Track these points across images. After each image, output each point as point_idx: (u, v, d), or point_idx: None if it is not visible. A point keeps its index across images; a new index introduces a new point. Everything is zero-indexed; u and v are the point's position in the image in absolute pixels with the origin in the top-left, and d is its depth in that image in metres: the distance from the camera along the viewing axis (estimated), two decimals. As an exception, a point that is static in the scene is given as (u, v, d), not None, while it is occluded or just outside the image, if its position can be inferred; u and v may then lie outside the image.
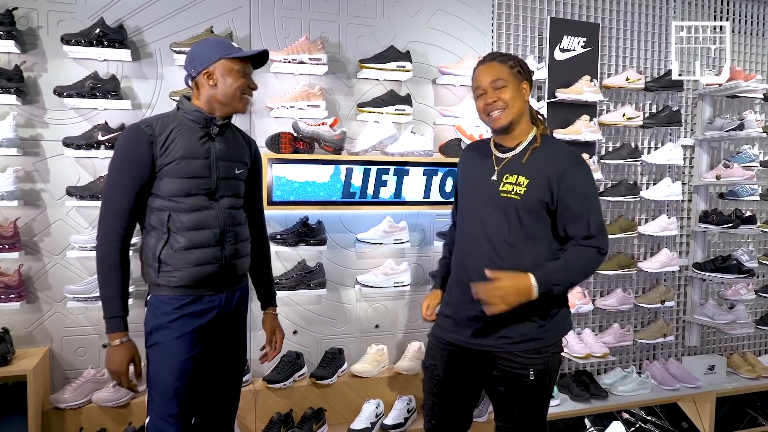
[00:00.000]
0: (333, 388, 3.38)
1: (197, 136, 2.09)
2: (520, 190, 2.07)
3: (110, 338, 2.04)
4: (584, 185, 2.10)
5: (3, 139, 2.87)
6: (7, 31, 2.86)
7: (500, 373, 2.14)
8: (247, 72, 2.13)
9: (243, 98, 2.14)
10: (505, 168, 2.14)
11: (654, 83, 4.06)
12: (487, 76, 2.09)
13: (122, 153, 2.03)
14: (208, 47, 2.10)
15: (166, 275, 2.06)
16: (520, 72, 2.11)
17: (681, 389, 4.02)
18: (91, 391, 3.03)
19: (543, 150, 2.12)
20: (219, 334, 2.19)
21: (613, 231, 4.00)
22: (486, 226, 2.13)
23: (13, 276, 2.95)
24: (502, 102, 2.07)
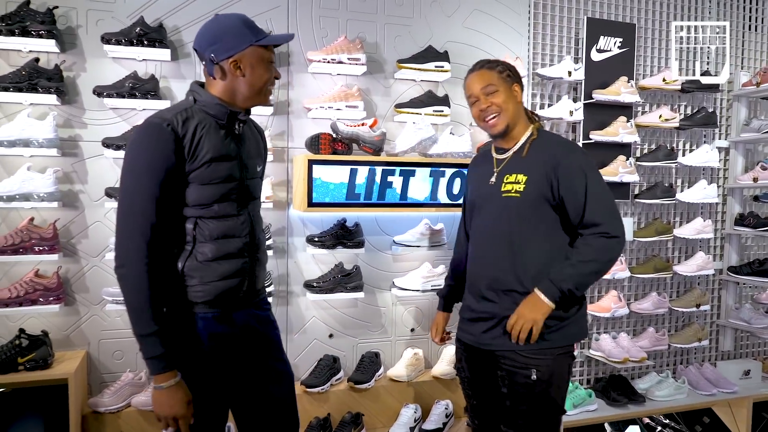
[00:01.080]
0: (370, 392, 3.35)
1: (221, 134, 1.84)
2: (519, 188, 2.11)
3: (158, 380, 1.75)
4: (579, 171, 2.07)
5: (43, 139, 2.84)
6: (48, 30, 2.83)
7: (504, 373, 2.16)
8: (273, 61, 1.89)
9: (269, 90, 1.92)
10: (505, 168, 2.20)
11: (690, 84, 4.01)
12: (478, 83, 2.17)
13: (144, 156, 1.73)
14: (235, 29, 1.81)
15: (190, 290, 1.83)
16: (510, 76, 2.19)
17: (717, 394, 3.97)
18: (129, 394, 3.01)
19: (539, 143, 2.17)
20: (250, 351, 1.99)
21: (649, 234, 3.96)
22: (492, 229, 2.19)
23: (52, 278, 2.92)
24: (496, 107, 2.14)
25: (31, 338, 2.80)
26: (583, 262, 2.05)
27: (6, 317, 2.93)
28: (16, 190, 2.82)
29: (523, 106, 2.25)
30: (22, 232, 2.85)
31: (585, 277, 2.06)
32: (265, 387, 2.06)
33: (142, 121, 1.79)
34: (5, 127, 2.81)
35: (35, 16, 2.81)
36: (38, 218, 2.94)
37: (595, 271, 2.07)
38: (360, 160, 3.20)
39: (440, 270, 3.48)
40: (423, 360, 3.56)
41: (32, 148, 2.84)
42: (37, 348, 2.79)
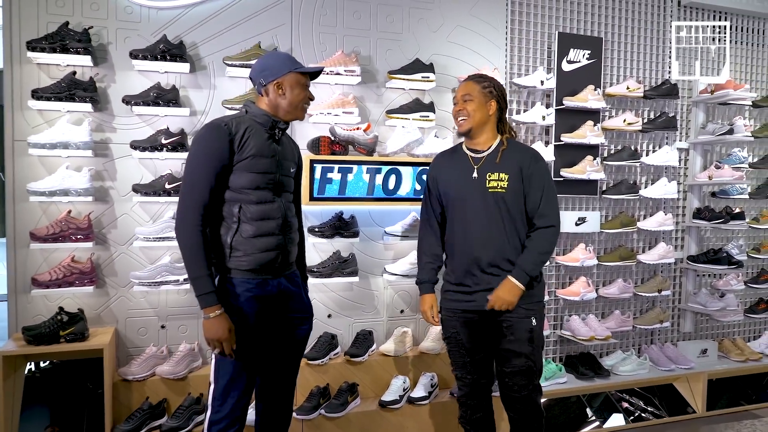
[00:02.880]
0: (364, 365, 3.77)
1: (265, 137, 2.38)
2: (503, 185, 2.66)
3: (207, 312, 2.25)
4: (543, 175, 2.70)
5: (80, 142, 3.25)
6: (84, 47, 3.24)
7: (508, 324, 2.68)
8: (307, 84, 2.48)
9: (304, 108, 2.50)
10: (484, 167, 2.69)
11: (652, 92, 4.46)
12: (462, 90, 2.74)
13: (205, 147, 2.28)
14: (280, 61, 2.41)
15: (236, 260, 2.34)
16: (491, 93, 2.71)
17: (676, 370, 4.42)
18: (153, 365, 3.41)
19: (511, 150, 2.71)
20: (281, 310, 2.51)
21: (614, 226, 4.40)
22: (486, 217, 2.68)
23: (86, 264, 3.34)
24: (465, 112, 2.69)
25: (70, 315, 3.21)
26: (541, 253, 2.68)
27: (45, 297, 3.34)
28: (57, 186, 3.23)
29: (501, 118, 2.76)
30: (61, 223, 3.26)
31: (543, 263, 2.71)
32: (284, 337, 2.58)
33: (207, 123, 2.38)
34: (47, 132, 3.23)
35: (74, 35, 3.22)
36: (75, 211, 3.34)
37: (548, 256, 2.73)
38: (355, 159, 3.64)
39: (426, 257, 3.91)
40: (411, 337, 3.99)
41: (70, 150, 3.23)
42: (75, 323, 3.20)
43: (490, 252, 2.68)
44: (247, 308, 2.37)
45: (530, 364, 2.69)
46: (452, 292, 2.81)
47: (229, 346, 2.30)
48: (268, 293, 2.43)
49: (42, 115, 3.30)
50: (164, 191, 3.38)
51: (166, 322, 3.59)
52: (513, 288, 2.62)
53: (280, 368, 2.65)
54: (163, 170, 3.46)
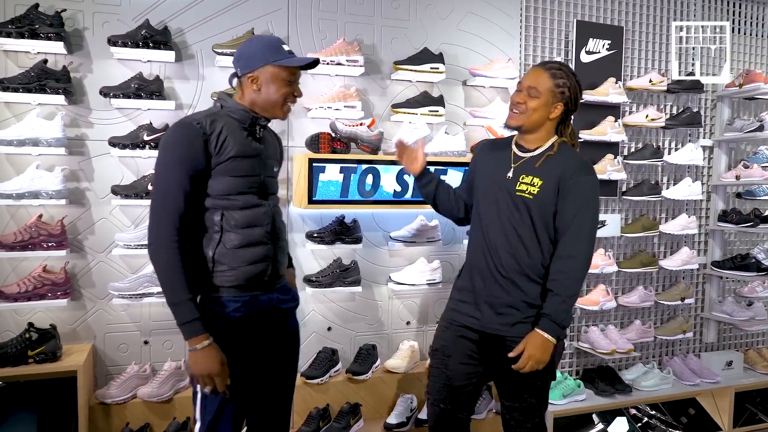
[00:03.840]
0: (368, 383, 3.46)
1: (244, 135, 2.06)
2: (533, 191, 2.27)
3: (192, 342, 1.94)
4: (585, 194, 2.27)
5: (52, 138, 2.92)
6: (56, 32, 2.90)
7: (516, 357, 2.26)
8: (293, 79, 2.09)
9: (285, 106, 2.12)
10: (521, 168, 2.32)
11: (676, 85, 4.14)
12: (531, 79, 2.29)
13: (177, 150, 1.95)
14: (257, 49, 2.04)
15: (220, 275, 2.02)
16: (564, 93, 2.27)
17: (701, 384, 4.12)
18: (135, 386, 3.09)
19: (557, 156, 2.30)
20: (271, 333, 2.18)
21: (635, 230, 4.10)
22: (502, 218, 2.32)
23: (59, 274, 3.00)
24: (524, 107, 2.27)
25: (40, 332, 2.89)
26: (570, 296, 2.24)
27: (15, 312, 3.01)
28: (26, 188, 2.90)
29: (558, 123, 2.35)
30: (30, 229, 2.93)
31: (572, 308, 2.29)
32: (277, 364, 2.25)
33: (176, 122, 2.03)
34: (15, 127, 2.89)
35: (44, 19, 2.89)
36: (46, 215, 3.02)
37: (575, 298, 2.29)
38: (358, 158, 3.31)
39: (435, 265, 3.60)
40: (418, 352, 3.67)
41: (41, 147, 2.91)
42: (46, 341, 2.87)
43: (507, 260, 2.31)
44: (237, 331, 2.06)
45: (532, 402, 2.36)
46: (458, 301, 2.46)
47: (223, 381, 1.98)
48: (259, 312, 2.11)
49: (9, 108, 2.98)
50: (147, 193, 3.05)
51: (150, 337, 3.26)
52: (545, 343, 2.20)
53: (274, 395, 2.32)
54: (146, 170, 3.13)
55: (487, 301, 2.35)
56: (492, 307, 2.33)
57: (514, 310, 2.31)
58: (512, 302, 2.31)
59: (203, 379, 1.97)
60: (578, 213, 2.25)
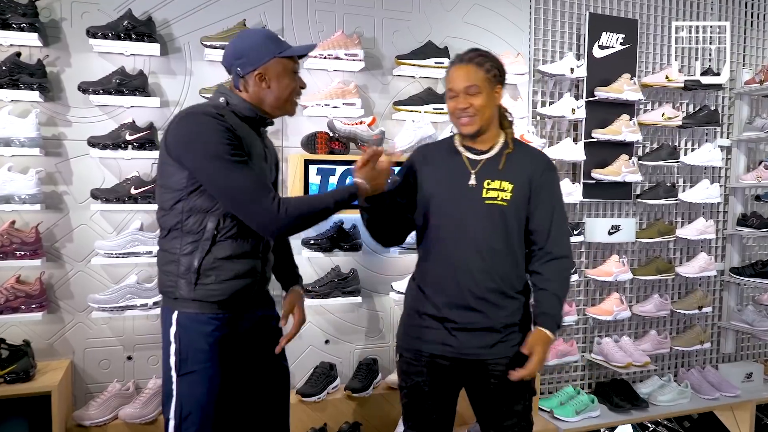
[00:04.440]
0: (368, 400, 3.22)
1: (254, 135, 1.91)
2: (506, 196, 2.06)
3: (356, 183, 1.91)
4: (554, 190, 2.16)
5: (25, 138, 2.70)
6: (30, 23, 2.67)
7: (497, 379, 2.08)
8: (297, 70, 1.96)
9: (293, 101, 1.97)
10: (483, 173, 2.09)
11: (693, 82, 3.92)
12: (462, 80, 2.04)
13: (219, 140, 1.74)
14: (259, 43, 1.87)
15: (204, 288, 1.82)
16: (496, 76, 2.07)
17: (721, 398, 3.90)
18: (116, 406, 2.86)
19: (518, 154, 2.12)
20: (256, 355, 2.01)
21: (651, 235, 3.88)
22: (471, 234, 2.07)
23: (34, 285, 2.77)
24: (473, 109, 2.03)
25: (11, 349, 2.66)
26: (562, 297, 2.10)
27: (-15, 326, 2.78)
28: (-4, 191, 2.67)
29: (499, 107, 2.14)
30: (2, 237, 2.69)
31: (562, 308, 2.12)
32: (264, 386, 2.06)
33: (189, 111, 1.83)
34: (-16, 126, 2.66)
35: (16, 7, 2.66)
36: (20, 221, 2.79)
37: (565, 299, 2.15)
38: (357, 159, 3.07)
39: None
40: (422, 366, 3.44)
41: (13, 148, 2.68)
42: (17, 359, 2.64)
43: (483, 280, 2.05)
44: (218, 353, 1.85)
45: (523, 425, 2.16)
46: (419, 328, 2.14)
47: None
48: (243, 332, 1.93)
49: (-22, 105, 2.75)
50: (130, 197, 2.84)
51: (134, 352, 3.03)
52: (549, 341, 2.03)
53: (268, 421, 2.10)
54: (129, 172, 2.91)
55: (460, 327, 2.08)
56: (467, 332, 2.08)
57: (492, 333, 2.09)
58: (490, 324, 2.08)
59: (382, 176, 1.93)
60: (554, 212, 2.11)
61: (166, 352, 1.86)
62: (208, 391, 1.83)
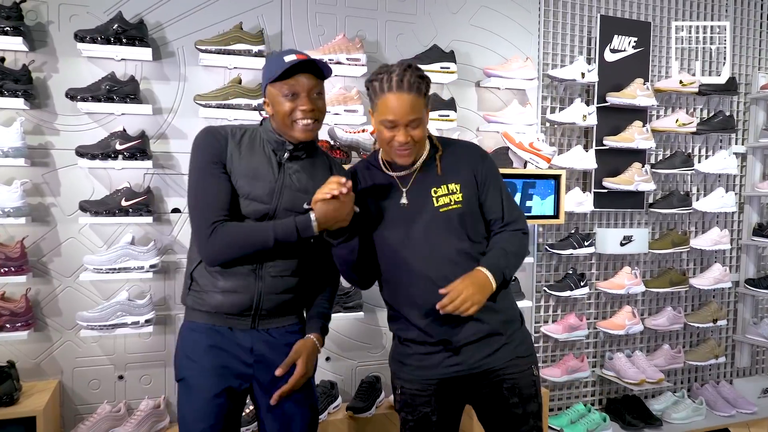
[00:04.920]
0: (371, 421, 3.08)
1: (269, 157, 1.86)
2: (458, 198, 1.96)
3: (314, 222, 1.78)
4: (496, 174, 2.07)
5: (9, 148, 2.56)
6: (15, 26, 2.54)
7: (510, 384, 2.00)
8: (295, 91, 1.79)
9: (294, 125, 1.81)
10: (421, 186, 1.97)
11: (708, 87, 3.78)
12: (406, 112, 1.85)
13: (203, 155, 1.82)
14: (264, 72, 1.89)
15: (195, 296, 1.86)
16: (426, 95, 1.91)
17: (737, 416, 3.76)
18: (107, 429, 2.73)
19: (449, 153, 2.03)
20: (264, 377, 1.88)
21: (665, 246, 3.74)
22: (438, 249, 1.94)
23: (19, 302, 2.63)
24: (413, 141, 1.89)
25: (-6, 370, 2.52)
26: (514, 254, 2.00)
27: (-32, 346, 2.64)
28: (-22, 204, 2.53)
29: None
30: (-15, 252, 2.56)
31: (513, 268, 2.02)
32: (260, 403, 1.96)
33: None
34: (-34, 135, 2.52)
35: (0, 11, 2.52)
36: (4, 235, 2.67)
37: (517, 265, 2.05)
38: (360, 169, 2.94)
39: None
40: (427, 384, 3.30)
41: (-4, 158, 2.56)
42: (1, 382, 2.50)
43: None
44: (204, 362, 1.84)
45: (539, 425, 2.05)
46: (423, 356, 2.01)
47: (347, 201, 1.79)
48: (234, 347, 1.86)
49: (-40, 113, 2.61)
50: (120, 210, 2.71)
51: (125, 371, 2.89)
52: (485, 285, 1.86)
53: None
54: (119, 183, 2.77)
55: (462, 342, 1.97)
56: (472, 344, 1.97)
57: (495, 337, 1.99)
58: (490, 329, 1.97)
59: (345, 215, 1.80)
60: (502, 196, 2.05)
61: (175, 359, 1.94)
62: (193, 399, 1.83)
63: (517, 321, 2.07)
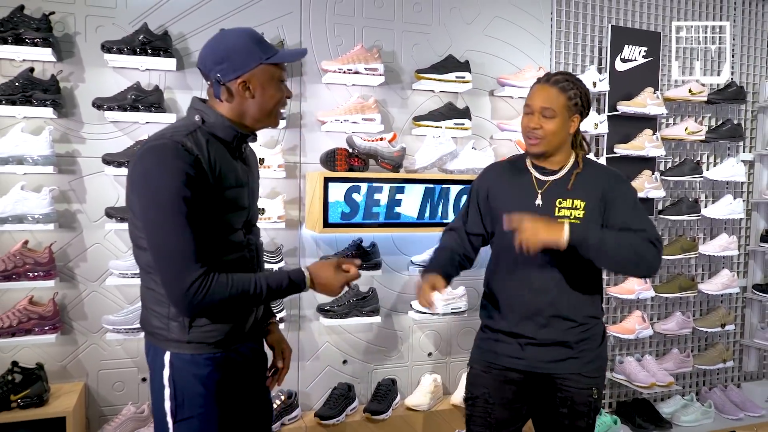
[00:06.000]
0: (388, 422, 3.15)
1: (230, 158, 1.67)
2: (578, 214, 2.02)
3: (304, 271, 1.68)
4: (631, 197, 2.07)
5: (38, 156, 2.63)
6: (44, 37, 2.61)
7: (564, 395, 2.09)
8: (285, 78, 1.72)
9: (279, 113, 1.74)
10: (551, 193, 2.07)
11: (716, 95, 3.85)
12: (541, 99, 2.02)
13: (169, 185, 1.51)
14: (245, 47, 1.62)
15: (199, 331, 1.63)
16: (577, 105, 2.04)
17: (744, 419, 3.81)
18: (131, 429, 2.79)
19: (587, 173, 2.09)
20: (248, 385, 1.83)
21: (674, 251, 3.80)
22: (539, 257, 1.99)
23: (47, 306, 2.70)
24: (543, 131, 2.01)
25: (24, 372, 2.59)
26: (619, 242, 1.93)
27: (-3, 348, 2.71)
28: (9, 211, 2.60)
29: (573, 135, 2.10)
30: (15, 257, 2.63)
31: (613, 251, 1.92)
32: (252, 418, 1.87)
33: (149, 146, 1.55)
34: (-3, 143, 2.59)
35: (29, 22, 2.59)
36: (33, 241, 2.73)
37: (626, 260, 1.93)
38: (378, 177, 3.00)
39: (460, 291, 3.29)
40: (441, 386, 3.37)
41: (26, 166, 2.62)
42: (31, 384, 2.57)
43: (554, 299, 2.05)
44: (217, 395, 1.67)
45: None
46: (494, 342, 2.16)
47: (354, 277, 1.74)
48: (237, 366, 1.74)
49: (-9, 121, 2.68)
50: (145, 216, 2.74)
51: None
52: (556, 229, 1.87)
53: None
54: (144, 190, 2.81)
55: (532, 341, 2.09)
56: (538, 346, 2.09)
57: (563, 348, 2.08)
58: (561, 338, 2.07)
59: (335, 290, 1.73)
60: (635, 213, 2.02)
61: (158, 396, 1.67)
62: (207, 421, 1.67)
63: (594, 341, 2.11)
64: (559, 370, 2.08)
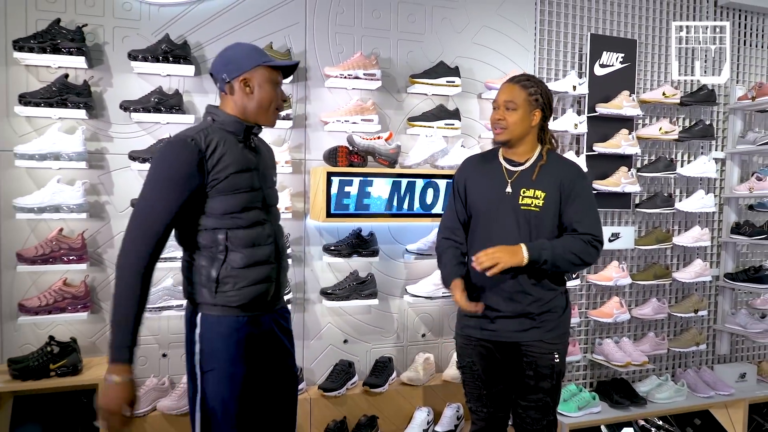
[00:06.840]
0: (384, 396, 3.46)
1: (240, 148, 2.00)
2: (538, 203, 2.37)
3: (112, 370, 1.80)
4: (586, 192, 2.42)
5: (73, 152, 2.94)
6: (78, 47, 2.92)
7: (529, 359, 2.42)
8: (280, 83, 2.07)
9: (274, 113, 2.07)
10: (519, 182, 2.41)
11: (689, 98, 4.16)
12: (505, 95, 2.41)
13: (169, 169, 1.88)
14: (245, 52, 2.02)
15: (224, 295, 1.95)
16: (538, 100, 2.40)
17: (715, 397, 4.11)
18: (154, 399, 3.10)
19: (551, 165, 2.42)
20: (271, 354, 2.11)
21: (649, 242, 4.10)
22: (506, 234, 2.37)
23: (80, 287, 3.01)
24: (506, 122, 2.38)
25: (61, 345, 2.89)
26: (570, 252, 2.30)
27: (35, 325, 3.01)
28: (47, 202, 2.91)
29: (543, 128, 2.45)
30: (51, 243, 2.94)
31: (563, 262, 2.31)
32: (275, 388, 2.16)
33: (169, 138, 1.93)
34: (36, 141, 2.91)
35: (66, 34, 2.91)
36: (67, 229, 3.03)
37: (572, 264, 2.33)
38: (376, 172, 3.32)
39: (451, 277, 3.59)
40: (434, 364, 3.67)
41: (62, 161, 2.92)
42: (67, 354, 2.88)
43: (520, 278, 2.38)
44: (238, 353, 1.98)
45: (547, 400, 2.47)
46: (469, 317, 2.50)
47: (121, 420, 1.82)
48: (260, 332, 2.05)
49: (30, 122, 2.99)
50: (166, 207, 3.05)
51: (168, 350, 3.26)
52: (517, 253, 2.25)
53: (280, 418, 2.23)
54: (165, 183, 3.12)
55: (501, 315, 2.43)
56: (506, 319, 2.43)
57: (526, 319, 2.41)
58: (524, 311, 2.40)
59: (106, 415, 1.81)
60: (584, 208, 2.37)
61: (190, 351, 2.00)
62: (230, 387, 1.96)
63: (554, 312, 2.43)
64: (524, 338, 2.42)
